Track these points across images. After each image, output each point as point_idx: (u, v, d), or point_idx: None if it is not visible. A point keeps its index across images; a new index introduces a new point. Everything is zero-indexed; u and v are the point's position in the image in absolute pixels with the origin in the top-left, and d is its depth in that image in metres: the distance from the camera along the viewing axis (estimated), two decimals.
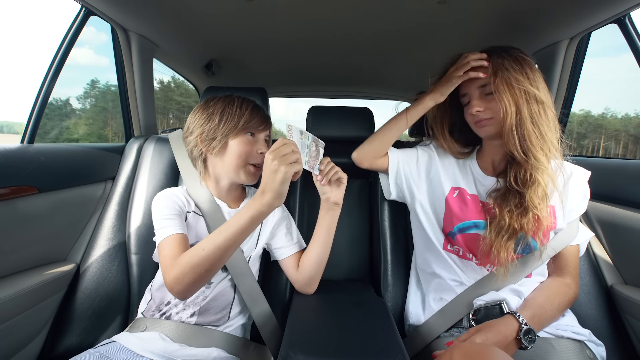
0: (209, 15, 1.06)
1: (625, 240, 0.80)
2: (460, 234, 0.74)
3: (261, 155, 0.75)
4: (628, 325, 0.78)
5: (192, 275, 0.58)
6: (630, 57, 0.88)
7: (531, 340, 0.61)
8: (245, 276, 0.76)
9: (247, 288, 0.76)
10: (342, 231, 1.07)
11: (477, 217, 0.73)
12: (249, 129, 0.75)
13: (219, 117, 0.74)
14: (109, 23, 1.04)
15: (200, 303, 0.72)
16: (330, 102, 2.18)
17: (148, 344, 0.66)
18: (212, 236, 0.60)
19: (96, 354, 0.63)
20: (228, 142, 0.74)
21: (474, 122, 0.75)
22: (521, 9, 0.92)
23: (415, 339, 0.76)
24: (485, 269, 0.73)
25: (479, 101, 0.72)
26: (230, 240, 0.59)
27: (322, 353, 0.54)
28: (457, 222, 0.74)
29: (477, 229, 0.72)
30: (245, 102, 0.77)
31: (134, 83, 1.18)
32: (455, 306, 0.73)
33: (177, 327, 0.70)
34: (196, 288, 0.62)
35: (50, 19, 27.01)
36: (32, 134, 0.87)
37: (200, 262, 0.58)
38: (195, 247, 0.60)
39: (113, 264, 0.89)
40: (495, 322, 0.64)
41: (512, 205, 0.67)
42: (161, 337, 0.68)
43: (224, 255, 0.60)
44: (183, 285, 0.59)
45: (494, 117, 0.71)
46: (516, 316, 0.64)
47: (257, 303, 0.78)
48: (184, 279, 0.59)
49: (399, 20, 1.05)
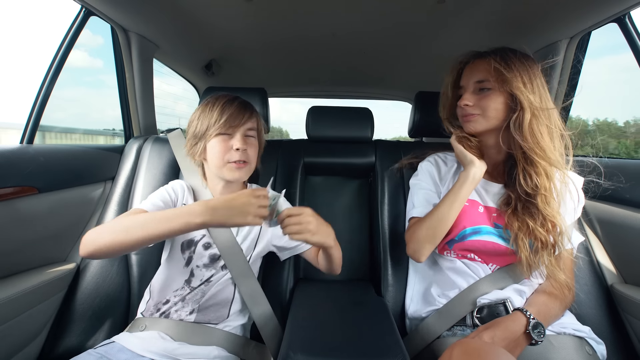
0: (209, 16, 1.06)
1: (625, 240, 0.80)
2: (459, 242, 0.73)
3: (237, 151, 0.73)
4: (628, 324, 0.78)
5: (106, 239, 0.57)
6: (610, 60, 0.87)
7: (540, 334, 0.61)
8: (246, 277, 0.76)
9: (248, 289, 0.76)
10: (342, 231, 1.07)
11: (477, 224, 0.73)
12: (220, 129, 0.72)
13: (196, 122, 0.75)
14: (109, 23, 1.04)
15: (200, 300, 0.72)
16: (330, 102, 2.18)
17: (148, 344, 0.66)
18: (147, 216, 0.60)
19: (96, 355, 0.63)
20: (206, 145, 0.74)
21: (462, 116, 0.75)
22: (521, 9, 0.92)
23: (416, 339, 0.75)
24: (488, 266, 0.73)
25: (471, 95, 0.72)
26: (157, 230, 0.57)
27: (322, 353, 0.54)
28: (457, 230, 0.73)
29: (478, 235, 0.72)
30: (218, 101, 0.75)
31: (134, 83, 1.18)
32: (457, 304, 0.72)
33: (176, 326, 0.70)
34: (98, 253, 0.58)
35: (50, 18, 26.78)
36: (32, 134, 0.88)
37: (119, 230, 0.58)
38: (128, 215, 0.62)
39: (113, 265, 0.89)
40: (503, 319, 0.64)
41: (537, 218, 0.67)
42: (161, 336, 0.68)
43: (143, 238, 0.57)
44: (92, 243, 0.58)
45: (481, 114, 0.71)
46: (523, 311, 0.64)
47: (259, 304, 0.77)
48: (98, 238, 0.58)
49: (399, 20, 1.05)
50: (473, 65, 0.73)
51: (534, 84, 0.67)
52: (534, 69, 0.69)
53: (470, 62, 0.75)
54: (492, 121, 0.70)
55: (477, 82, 0.71)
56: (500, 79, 0.67)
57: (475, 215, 0.74)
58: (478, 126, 0.72)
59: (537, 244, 0.66)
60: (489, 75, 0.69)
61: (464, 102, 0.72)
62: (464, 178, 0.72)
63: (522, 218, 0.67)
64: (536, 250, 0.66)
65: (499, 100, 0.68)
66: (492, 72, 0.68)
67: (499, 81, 0.67)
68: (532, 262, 0.66)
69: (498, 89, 0.68)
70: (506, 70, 0.67)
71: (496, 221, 0.73)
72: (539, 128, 0.66)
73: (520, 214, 0.68)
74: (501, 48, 0.72)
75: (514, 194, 0.70)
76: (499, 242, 0.71)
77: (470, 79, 0.73)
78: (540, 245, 0.66)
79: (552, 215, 0.66)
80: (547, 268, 0.68)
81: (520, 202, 0.69)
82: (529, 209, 0.68)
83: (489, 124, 0.71)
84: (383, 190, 0.98)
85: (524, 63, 0.68)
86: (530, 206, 0.68)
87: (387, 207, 0.95)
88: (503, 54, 0.69)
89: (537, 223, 0.66)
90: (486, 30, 1.05)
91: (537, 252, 0.66)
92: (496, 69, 0.68)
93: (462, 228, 0.73)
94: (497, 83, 0.68)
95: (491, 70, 0.68)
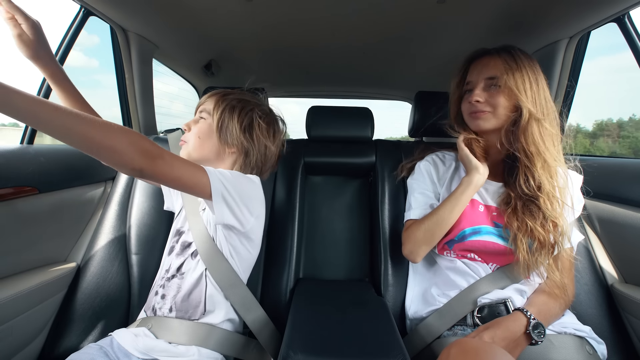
0: (209, 16, 1.06)
1: (625, 240, 0.80)
2: (459, 243, 0.73)
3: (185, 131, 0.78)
4: (628, 324, 0.78)
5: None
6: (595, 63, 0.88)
7: (541, 335, 0.61)
8: (235, 287, 0.73)
9: (238, 298, 0.73)
10: (342, 231, 1.07)
11: (477, 223, 0.72)
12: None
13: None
14: (108, 23, 1.03)
15: (176, 296, 0.70)
16: (330, 102, 2.18)
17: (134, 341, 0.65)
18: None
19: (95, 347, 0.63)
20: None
21: (469, 112, 0.74)
22: (520, 9, 0.92)
23: (416, 339, 0.75)
24: (488, 266, 0.73)
25: (482, 92, 0.71)
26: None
27: (322, 353, 0.54)
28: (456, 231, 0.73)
29: (478, 236, 0.72)
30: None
31: (134, 84, 1.18)
32: (458, 304, 0.72)
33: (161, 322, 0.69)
34: None
35: (50, 18, 26.89)
36: (32, 134, 0.88)
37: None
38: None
39: (113, 265, 0.89)
40: (503, 319, 0.64)
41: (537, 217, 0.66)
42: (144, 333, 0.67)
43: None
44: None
45: (491, 112, 0.70)
46: (524, 312, 0.64)
47: (250, 310, 0.75)
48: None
49: (398, 20, 1.05)
50: (482, 62, 0.73)
51: (539, 84, 0.68)
52: (538, 68, 0.69)
53: (478, 58, 0.74)
54: (501, 119, 0.70)
55: (488, 78, 0.71)
56: (509, 76, 0.67)
57: (475, 215, 0.73)
58: (487, 124, 0.71)
59: (536, 244, 0.66)
60: (499, 73, 0.69)
61: (475, 97, 0.71)
62: (467, 184, 0.72)
63: (522, 217, 0.67)
64: (535, 251, 0.66)
65: (507, 98, 0.68)
66: (502, 70, 0.68)
67: (508, 79, 0.67)
68: (530, 262, 0.66)
69: (506, 87, 0.68)
70: (516, 68, 0.67)
71: (496, 220, 0.73)
72: (542, 128, 0.66)
73: (520, 214, 0.68)
74: (509, 46, 0.72)
75: (514, 193, 0.70)
76: (498, 242, 0.71)
77: (480, 75, 0.72)
78: (539, 245, 0.66)
79: (553, 216, 0.66)
80: (546, 269, 0.68)
81: (520, 201, 0.69)
82: (529, 209, 0.67)
83: (498, 122, 0.70)
84: (383, 190, 0.98)
85: (530, 63, 0.69)
86: (530, 205, 0.67)
87: (387, 207, 0.95)
88: (512, 51, 0.70)
89: (537, 223, 0.66)
90: (486, 30, 1.05)
91: (535, 252, 0.66)
92: (506, 66, 0.68)
93: (462, 228, 0.72)
94: (506, 80, 0.67)
95: (501, 67, 0.68)
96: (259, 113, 0.80)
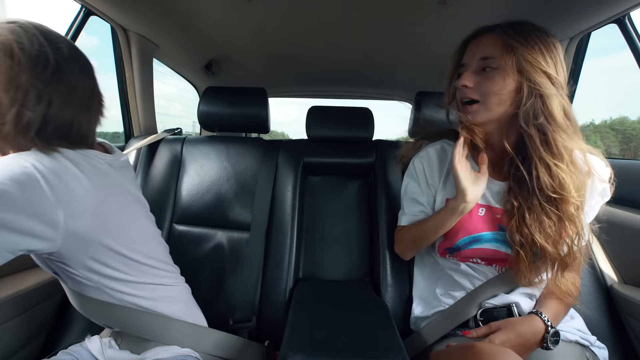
0: (209, 16, 1.06)
1: (624, 240, 0.80)
2: (457, 252, 0.69)
3: None
4: (627, 325, 0.79)
5: None
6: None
7: (557, 342, 0.58)
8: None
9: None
10: (342, 231, 1.07)
11: (476, 231, 0.66)
12: None
13: None
14: (109, 23, 1.04)
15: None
16: (330, 102, 2.18)
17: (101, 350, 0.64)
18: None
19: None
20: None
21: (460, 99, 0.65)
22: (521, 9, 0.92)
23: (417, 339, 0.74)
24: (492, 267, 0.70)
25: (471, 75, 0.61)
26: None
27: (322, 353, 0.54)
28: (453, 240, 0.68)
29: (478, 244, 0.66)
30: None
31: (134, 83, 1.18)
32: (462, 307, 0.68)
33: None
34: None
35: (49, 18, 26.79)
36: None
37: None
38: None
39: None
40: (517, 322, 0.59)
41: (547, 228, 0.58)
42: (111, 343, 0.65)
43: None
44: None
45: (480, 102, 0.60)
46: (542, 317, 0.59)
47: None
48: None
49: (399, 20, 1.05)
50: (478, 41, 0.62)
51: (556, 60, 0.57)
52: (556, 44, 0.58)
53: (477, 37, 0.64)
54: (494, 109, 0.60)
55: (480, 59, 0.60)
56: (510, 54, 0.56)
57: (474, 222, 0.67)
58: (478, 117, 0.62)
59: (543, 256, 0.60)
60: (496, 52, 0.58)
61: (462, 81, 0.61)
62: (451, 210, 0.65)
63: (530, 225, 0.59)
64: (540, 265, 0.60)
65: (505, 83, 0.57)
66: (500, 47, 0.58)
67: (509, 58, 0.56)
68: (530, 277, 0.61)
69: (506, 68, 0.57)
70: (520, 42, 0.56)
71: (501, 223, 0.65)
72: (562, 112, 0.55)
73: (527, 221, 0.59)
74: (519, 21, 0.60)
75: (522, 195, 0.60)
76: (500, 249, 0.65)
77: (474, 56, 0.62)
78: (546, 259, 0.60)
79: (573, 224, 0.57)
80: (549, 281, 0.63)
81: (528, 207, 0.59)
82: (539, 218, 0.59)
83: (490, 114, 0.60)
84: (383, 190, 0.98)
85: (544, 36, 0.57)
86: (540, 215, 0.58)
87: (387, 207, 0.95)
88: (518, 26, 0.59)
89: (548, 232, 0.58)
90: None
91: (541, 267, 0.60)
92: (506, 43, 0.57)
93: (459, 239, 0.67)
94: (506, 61, 0.57)
95: (499, 45, 0.58)
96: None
